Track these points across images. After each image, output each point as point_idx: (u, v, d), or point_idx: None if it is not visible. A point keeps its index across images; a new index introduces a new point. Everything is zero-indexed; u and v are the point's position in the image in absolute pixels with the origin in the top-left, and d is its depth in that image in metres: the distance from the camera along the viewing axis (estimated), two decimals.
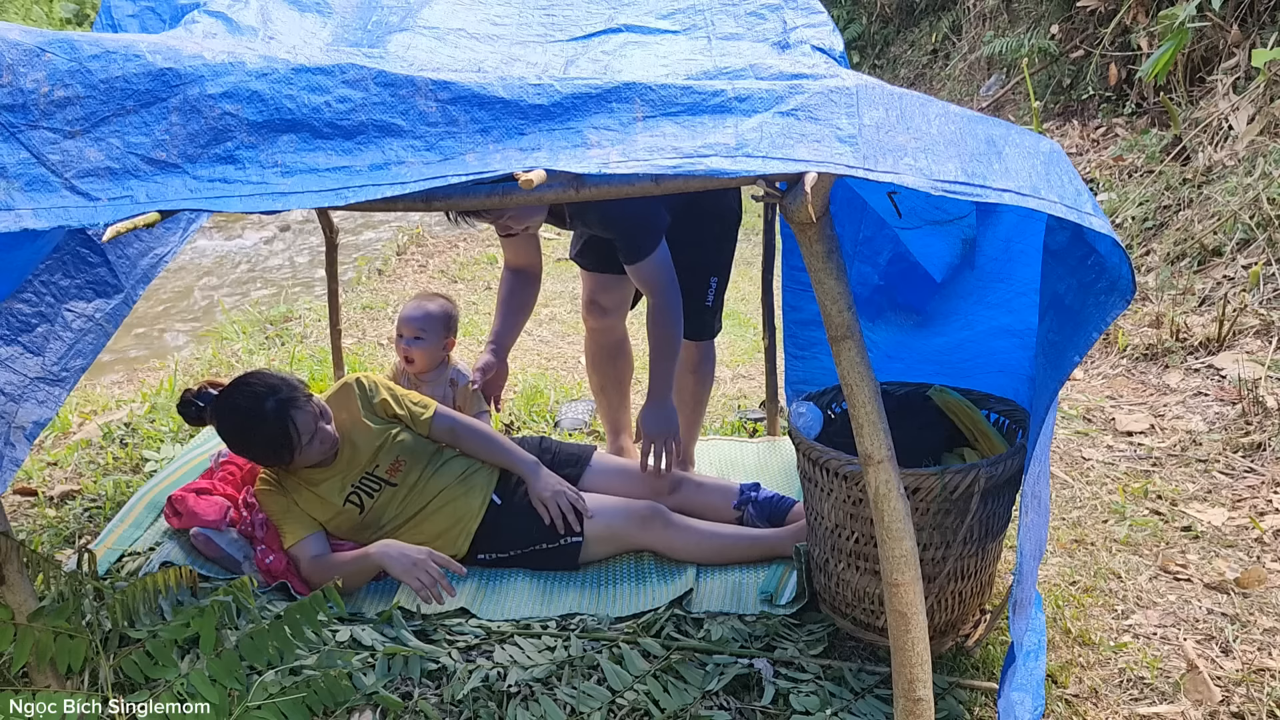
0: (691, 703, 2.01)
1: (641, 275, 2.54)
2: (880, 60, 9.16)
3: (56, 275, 2.30)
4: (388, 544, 2.41)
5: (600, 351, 2.97)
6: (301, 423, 2.43)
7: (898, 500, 1.54)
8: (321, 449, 2.49)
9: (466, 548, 2.55)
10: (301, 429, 2.42)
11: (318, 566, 2.45)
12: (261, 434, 2.42)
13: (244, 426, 2.44)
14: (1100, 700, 2.05)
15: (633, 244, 2.50)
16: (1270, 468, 2.90)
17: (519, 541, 2.55)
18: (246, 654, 1.80)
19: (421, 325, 2.90)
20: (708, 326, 2.81)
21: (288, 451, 2.44)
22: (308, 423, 2.44)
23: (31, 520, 2.84)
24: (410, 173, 1.28)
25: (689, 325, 2.64)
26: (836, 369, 1.52)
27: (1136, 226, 4.54)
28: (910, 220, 2.27)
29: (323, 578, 2.38)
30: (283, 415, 2.40)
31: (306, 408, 2.45)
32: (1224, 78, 4.82)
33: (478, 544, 2.56)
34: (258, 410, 2.41)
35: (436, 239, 6.29)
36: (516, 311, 2.88)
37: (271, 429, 2.40)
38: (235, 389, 2.48)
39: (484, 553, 2.56)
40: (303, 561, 2.46)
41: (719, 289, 2.77)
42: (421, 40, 1.73)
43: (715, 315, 2.82)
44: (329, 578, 2.34)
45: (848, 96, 1.36)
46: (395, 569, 2.35)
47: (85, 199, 1.20)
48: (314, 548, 2.47)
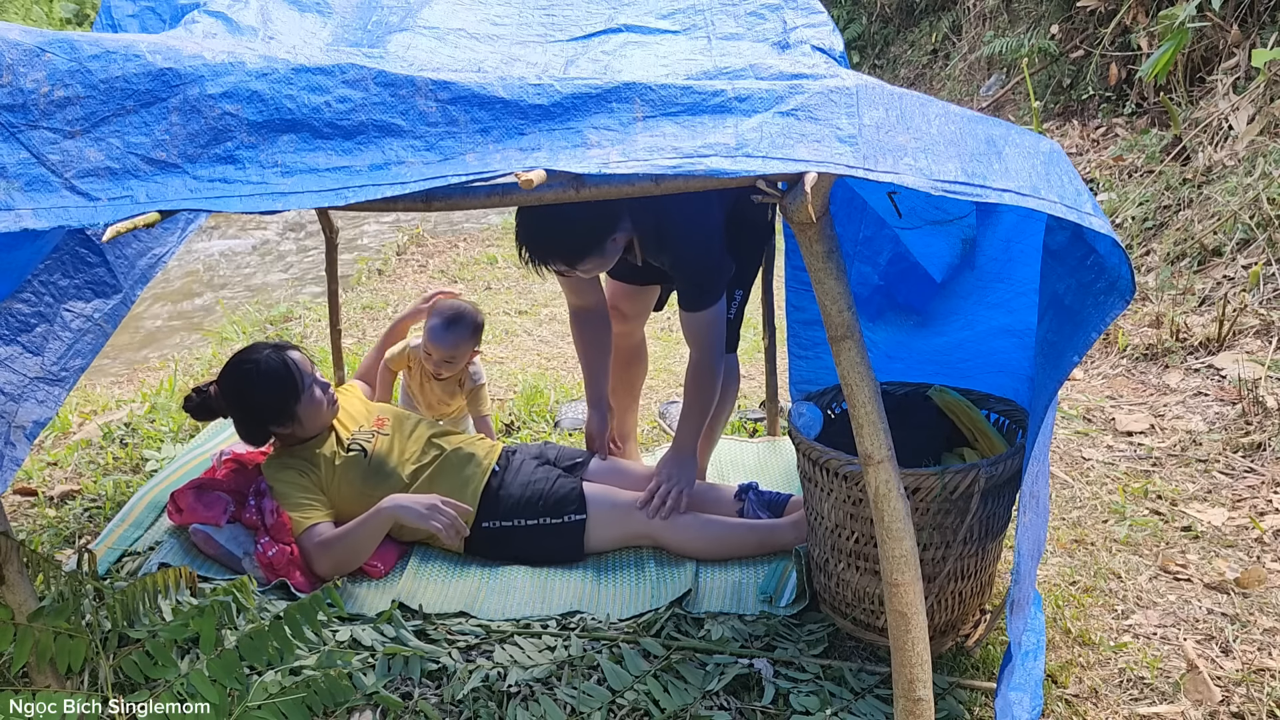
0: (691, 703, 2.01)
1: (694, 326, 2.46)
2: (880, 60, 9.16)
3: (55, 275, 2.30)
4: (396, 497, 2.48)
5: (616, 355, 2.93)
6: (299, 360, 2.57)
7: (898, 500, 1.54)
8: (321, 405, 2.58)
9: (475, 507, 2.58)
10: (301, 366, 2.55)
11: (329, 544, 2.47)
12: (263, 375, 2.53)
13: (246, 373, 2.56)
14: (1100, 700, 2.05)
15: (697, 292, 2.43)
16: (1270, 468, 2.90)
17: (522, 510, 2.57)
18: (246, 654, 1.80)
19: (454, 351, 2.89)
20: (730, 340, 2.69)
21: (293, 394, 2.52)
22: (305, 362, 2.58)
23: (31, 520, 2.84)
24: (410, 173, 1.28)
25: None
26: (836, 369, 1.52)
27: (1136, 226, 4.54)
28: (910, 220, 2.27)
29: (336, 557, 2.44)
30: (280, 354, 2.57)
31: (301, 356, 2.61)
32: (1224, 78, 4.82)
33: (483, 510, 2.59)
34: (256, 352, 2.58)
35: (437, 239, 6.29)
36: (601, 357, 2.77)
37: (272, 365, 2.54)
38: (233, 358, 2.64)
39: (488, 520, 2.59)
40: (313, 546, 2.47)
41: (742, 302, 2.69)
42: (421, 40, 1.73)
43: (735, 330, 2.71)
44: (342, 553, 2.44)
45: (848, 96, 1.36)
46: (410, 517, 2.42)
47: (85, 199, 1.20)
48: (324, 531, 2.51)
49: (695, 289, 2.43)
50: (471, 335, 2.91)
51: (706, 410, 2.55)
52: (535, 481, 2.63)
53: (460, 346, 2.89)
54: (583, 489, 2.62)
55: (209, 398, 2.63)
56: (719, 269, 2.43)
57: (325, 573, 2.46)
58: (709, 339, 2.48)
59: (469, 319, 2.92)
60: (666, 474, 2.53)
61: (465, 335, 2.89)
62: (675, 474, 2.52)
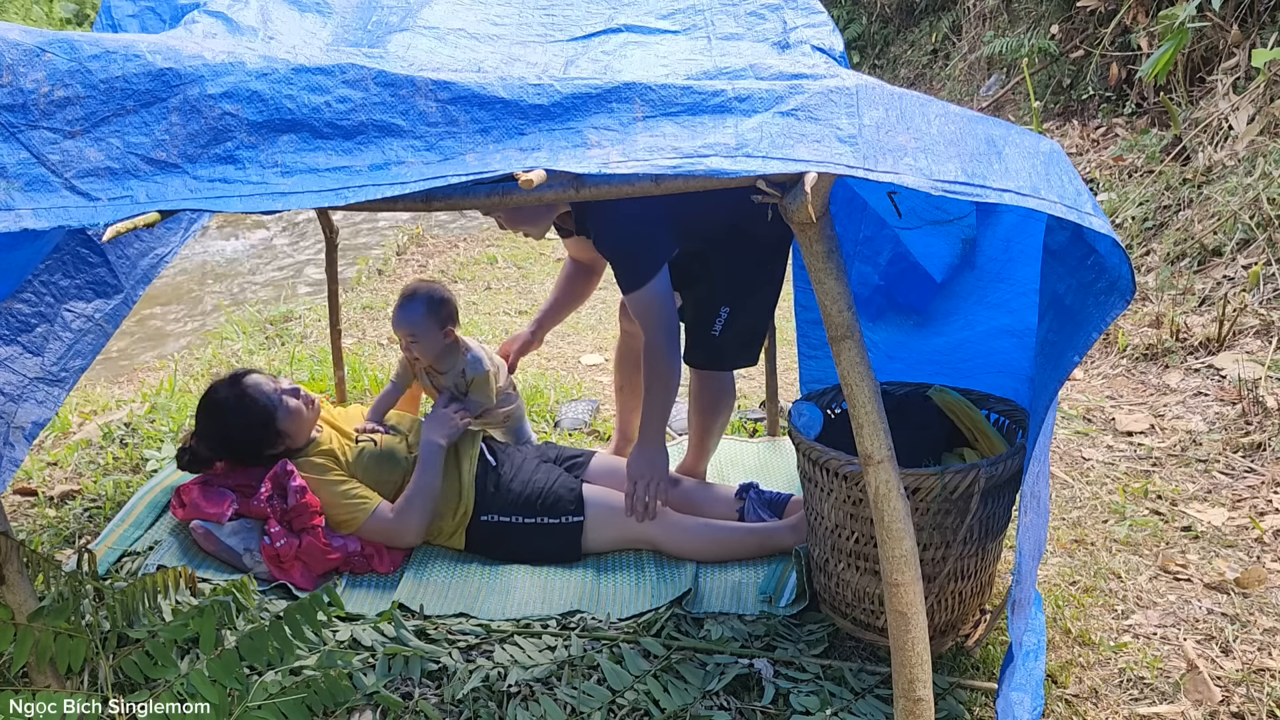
0: (692, 703, 2.01)
1: (632, 308, 2.40)
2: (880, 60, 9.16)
3: (56, 275, 2.30)
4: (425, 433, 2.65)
5: (627, 354, 2.94)
6: (259, 382, 2.61)
7: (898, 500, 1.54)
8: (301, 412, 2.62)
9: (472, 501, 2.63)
10: (262, 388, 2.59)
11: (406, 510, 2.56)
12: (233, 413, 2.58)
13: (215, 418, 2.61)
14: (1100, 700, 2.05)
15: (622, 271, 2.34)
16: (1270, 468, 2.90)
17: (521, 507, 2.59)
18: (246, 654, 1.80)
19: (411, 329, 2.75)
20: (714, 358, 2.61)
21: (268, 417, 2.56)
22: (265, 382, 2.62)
23: (31, 520, 2.84)
24: (410, 173, 1.28)
25: (693, 351, 2.57)
26: (836, 369, 1.52)
27: (1136, 226, 4.54)
28: (910, 220, 2.27)
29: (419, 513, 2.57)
30: (238, 386, 2.60)
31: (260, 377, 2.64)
32: (1224, 78, 4.82)
33: (483, 503, 2.62)
34: (216, 394, 2.62)
35: (436, 239, 6.30)
36: (567, 298, 2.91)
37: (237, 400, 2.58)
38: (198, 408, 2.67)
39: (487, 514, 2.61)
40: (388, 524, 2.56)
41: (729, 320, 2.54)
42: (421, 40, 1.73)
43: (725, 348, 2.59)
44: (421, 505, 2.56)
45: (848, 96, 1.36)
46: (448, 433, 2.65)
47: (85, 199, 1.20)
48: (386, 507, 2.58)
49: (620, 267, 2.35)
50: (429, 311, 2.73)
51: (664, 396, 2.41)
52: (536, 480, 2.65)
53: (420, 325, 2.73)
54: (582, 490, 2.62)
55: (195, 449, 2.65)
56: (645, 251, 2.33)
57: (415, 536, 2.59)
58: (648, 320, 2.37)
59: (423, 295, 2.75)
60: (637, 473, 2.45)
61: (420, 312, 2.72)
62: (645, 470, 2.44)
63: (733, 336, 2.57)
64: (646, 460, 2.44)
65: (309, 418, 2.64)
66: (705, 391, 2.69)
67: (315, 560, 2.48)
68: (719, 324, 2.54)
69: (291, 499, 2.51)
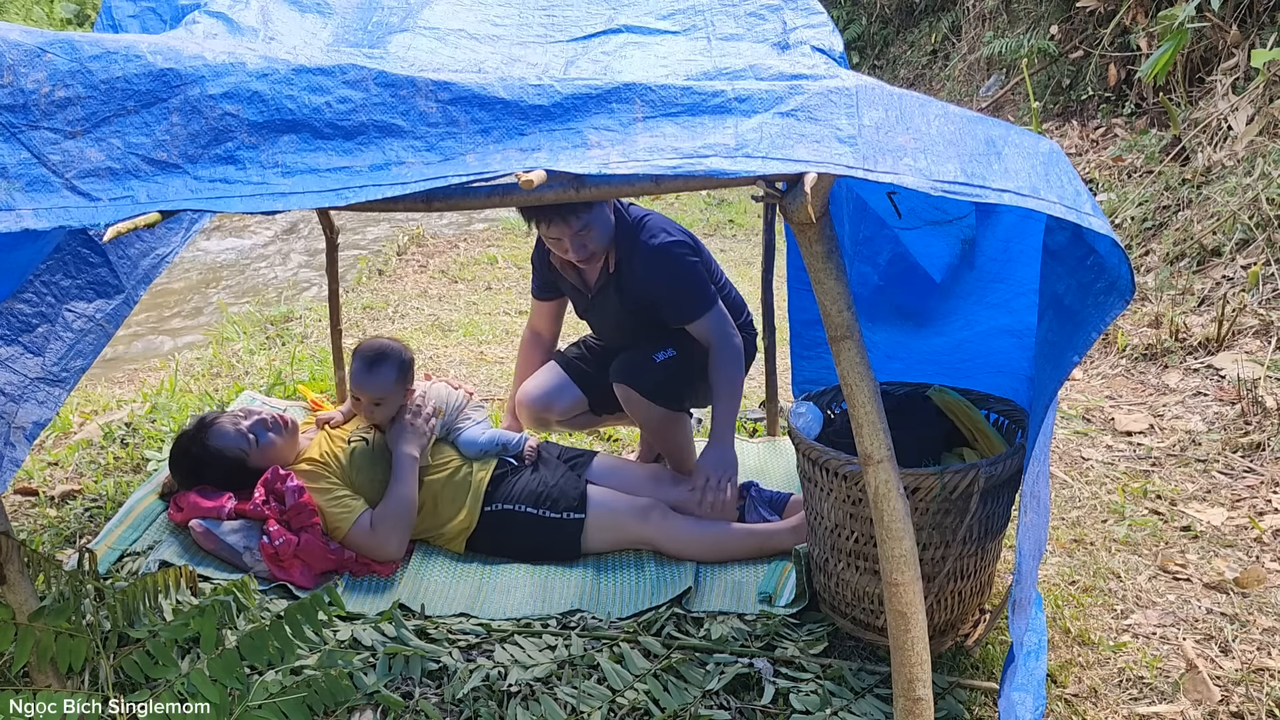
0: (692, 702, 2.02)
1: (703, 328, 2.60)
2: (880, 60, 9.17)
3: (57, 275, 2.30)
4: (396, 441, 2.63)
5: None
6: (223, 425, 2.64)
7: (897, 500, 1.54)
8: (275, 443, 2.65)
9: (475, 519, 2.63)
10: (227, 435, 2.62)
11: (382, 520, 2.55)
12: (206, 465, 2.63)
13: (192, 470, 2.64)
14: (1100, 700, 2.05)
15: (690, 298, 2.60)
16: (1269, 468, 2.90)
17: (526, 498, 2.62)
18: (247, 654, 1.80)
19: (379, 394, 2.63)
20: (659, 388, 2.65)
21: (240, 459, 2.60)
22: (227, 422, 2.65)
23: (32, 520, 2.85)
24: (410, 173, 1.28)
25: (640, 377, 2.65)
26: (836, 369, 1.53)
27: (1136, 226, 4.54)
28: (910, 220, 2.27)
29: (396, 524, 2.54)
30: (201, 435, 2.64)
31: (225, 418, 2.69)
32: (1223, 78, 4.83)
33: (490, 495, 2.65)
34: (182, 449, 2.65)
35: (436, 239, 6.30)
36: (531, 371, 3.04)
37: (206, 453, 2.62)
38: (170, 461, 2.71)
39: (490, 504, 2.63)
40: (369, 534, 2.54)
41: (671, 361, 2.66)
42: (422, 41, 1.73)
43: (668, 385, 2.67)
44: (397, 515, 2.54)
45: (847, 97, 1.37)
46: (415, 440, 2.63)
47: (86, 199, 1.20)
48: (367, 518, 2.56)
49: (683, 297, 2.60)
50: (399, 375, 2.64)
51: (735, 394, 2.61)
52: (543, 473, 2.69)
53: (390, 391, 2.63)
54: (586, 490, 2.63)
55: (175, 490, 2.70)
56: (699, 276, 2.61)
57: (396, 549, 2.56)
58: (720, 335, 2.61)
59: (394, 357, 2.65)
60: (710, 469, 2.54)
61: (392, 377, 2.62)
62: (717, 468, 2.54)
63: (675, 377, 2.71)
64: (718, 457, 2.56)
65: (284, 442, 2.67)
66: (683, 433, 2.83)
67: (314, 558, 2.48)
68: (660, 355, 2.70)
69: (289, 499, 2.52)
